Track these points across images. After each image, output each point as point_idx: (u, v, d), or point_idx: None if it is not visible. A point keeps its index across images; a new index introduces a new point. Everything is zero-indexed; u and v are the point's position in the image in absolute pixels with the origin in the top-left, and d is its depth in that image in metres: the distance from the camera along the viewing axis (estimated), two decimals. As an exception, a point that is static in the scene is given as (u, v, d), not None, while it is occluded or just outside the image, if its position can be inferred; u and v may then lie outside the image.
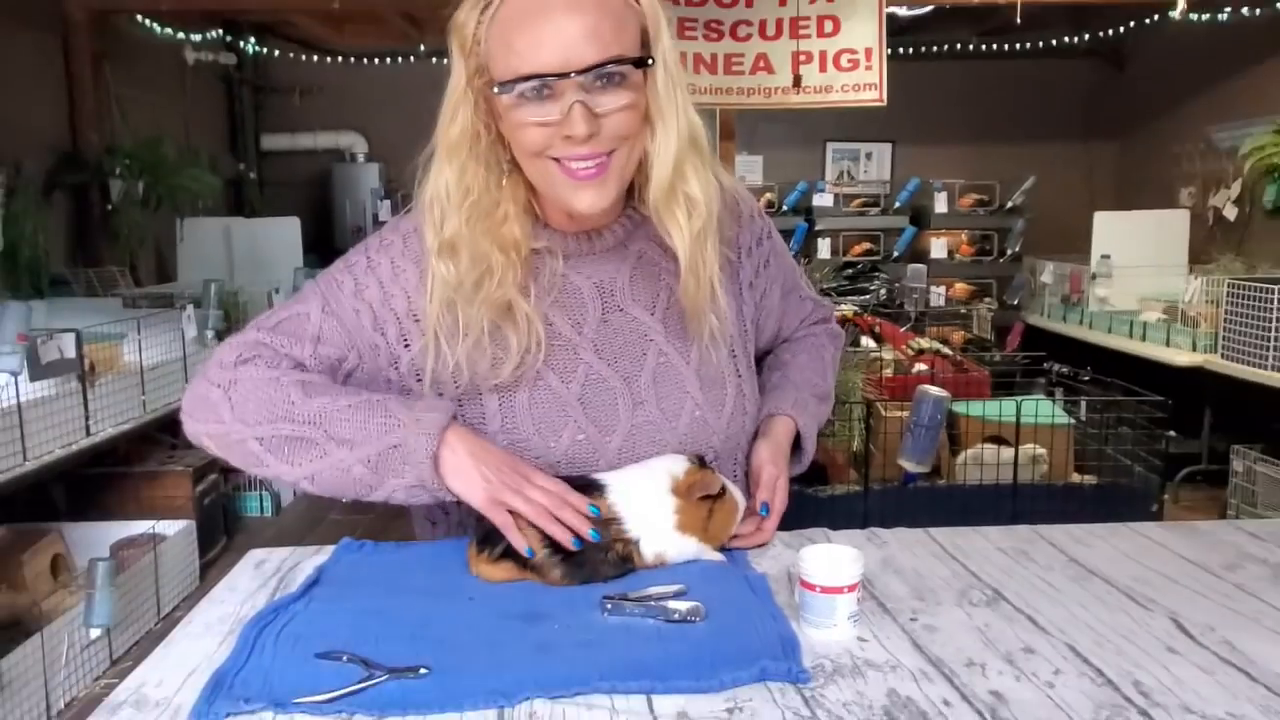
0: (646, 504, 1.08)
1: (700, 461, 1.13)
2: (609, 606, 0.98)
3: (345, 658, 0.88)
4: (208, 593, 1.10)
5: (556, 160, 1.06)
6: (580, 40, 1.01)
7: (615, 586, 1.04)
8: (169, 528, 3.79)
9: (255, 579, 1.13)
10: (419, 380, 1.16)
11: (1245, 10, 5.58)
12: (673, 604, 0.98)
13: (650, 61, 1.05)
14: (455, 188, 1.08)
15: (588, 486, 1.09)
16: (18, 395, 3.03)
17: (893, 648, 0.93)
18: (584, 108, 1.01)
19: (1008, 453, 2.81)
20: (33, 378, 3.11)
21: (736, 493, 1.16)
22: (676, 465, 1.11)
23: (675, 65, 1.09)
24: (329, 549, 1.19)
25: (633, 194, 1.17)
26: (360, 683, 0.84)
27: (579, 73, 1.01)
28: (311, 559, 1.17)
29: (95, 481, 4.03)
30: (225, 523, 4.46)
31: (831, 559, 0.97)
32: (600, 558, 1.06)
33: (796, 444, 1.31)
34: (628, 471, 1.12)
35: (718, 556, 1.12)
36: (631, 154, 1.08)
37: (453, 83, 1.10)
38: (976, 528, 1.26)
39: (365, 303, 1.15)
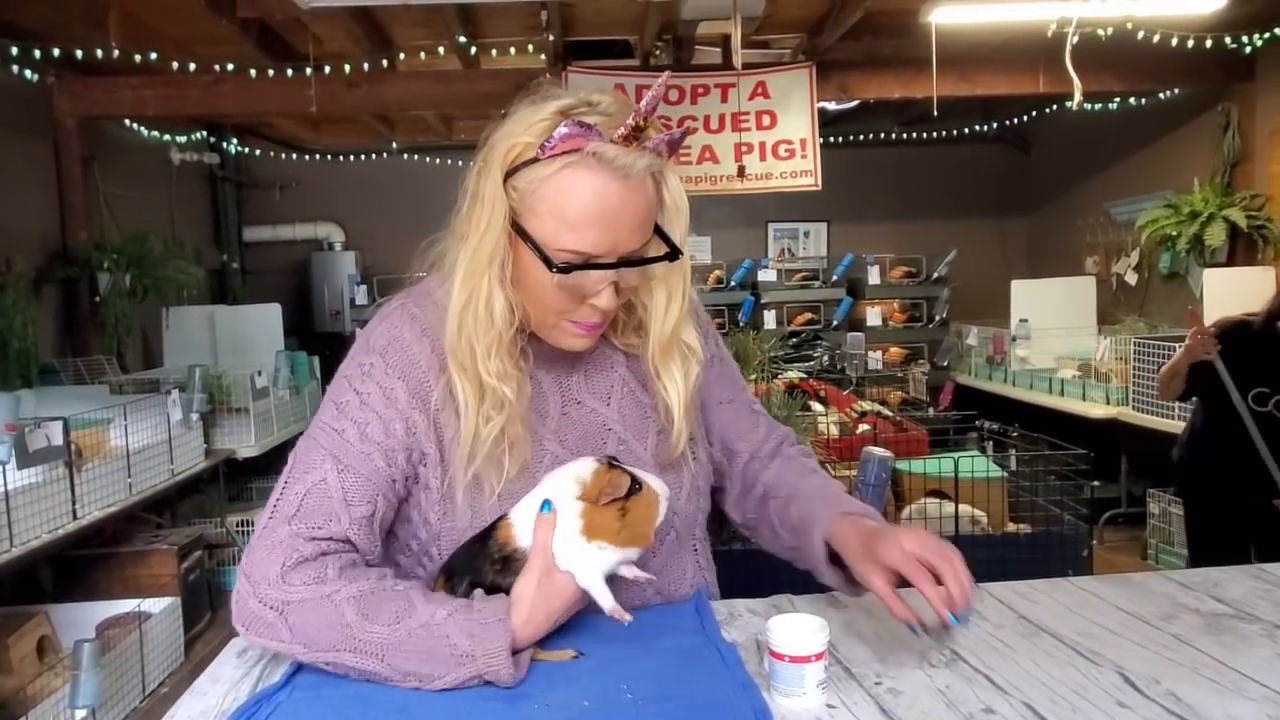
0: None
1: (611, 462, 1.02)
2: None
3: None
4: (190, 684, 1.04)
5: (560, 317, 1.06)
6: (632, 229, 1.01)
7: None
8: (154, 605, 3.64)
9: (238, 668, 1.07)
10: (427, 479, 1.09)
11: (1133, 100, 5.82)
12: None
13: (681, 255, 1.06)
14: (503, 318, 1.04)
15: (495, 523, 1.04)
16: (5, 483, 2.92)
17: (861, 713, 0.90)
18: (615, 288, 1.03)
19: (949, 506, 2.80)
20: (20, 466, 3.01)
21: (654, 483, 1.03)
22: (584, 469, 1.01)
23: (687, 229, 1.08)
24: None
25: None
26: None
27: (624, 261, 1.01)
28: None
29: (81, 562, 3.87)
30: (210, 597, 4.30)
31: (798, 628, 0.94)
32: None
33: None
34: (540, 486, 1.03)
35: (634, 571, 1.03)
36: (616, 314, 1.11)
37: (487, 216, 1.03)
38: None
39: (372, 443, 1.05)
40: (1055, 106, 6.33)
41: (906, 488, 2.99)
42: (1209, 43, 4.61)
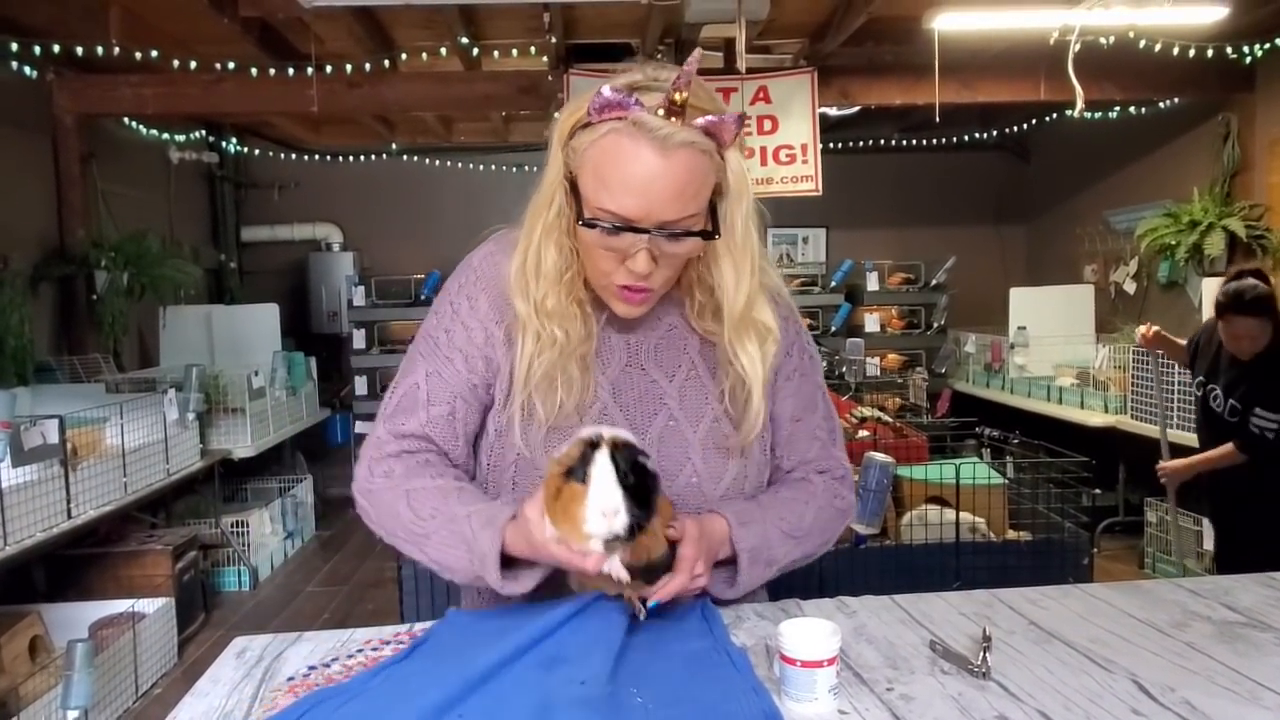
0: None
1: (628, 450, 0.97)
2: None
3: None
4: (201, 671, 1.03)
5: (610, 279, 1.11)
6: (666, 199, 1.03)
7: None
8: (148, 606, 3.61)
9: (238, 668, 1.06)
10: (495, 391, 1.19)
11: (1133, 109, 5.83)
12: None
13: (717, 236, 1.09)
14: (554, 265, 1.12)
15: None
16: (0, 481, 2.90)
17: (873, 719, 0.89)
18: (649, 254, 1.06)
19: (950, 513, 2.79)
20: (15, 464, 2.99)
21: (607, 494, 0.95)
22: (602, 433, 0.99)
23: (751, 212, 1.12)
24: (311, 635, 1.13)
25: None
26: None
27: (657, 228, 1.05)
28: (293, 646, 1.11)
29: (75, 562, 3.85)
30: (204, 599, 4.27)
31: (810, 632, 0.93)
32: None
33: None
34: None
35: (628, 589, 1.04)
36: (668, 286, 1.15)
37: (550, 172, 1.12)
38: (938, 593, 1.23)
39: (457, 349, 1.18)
40: (1055, 115, 6.34)
41: (906, 494, 2.98)
42: (1210, 52, 4.62)
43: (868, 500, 2.64)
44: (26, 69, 4.49)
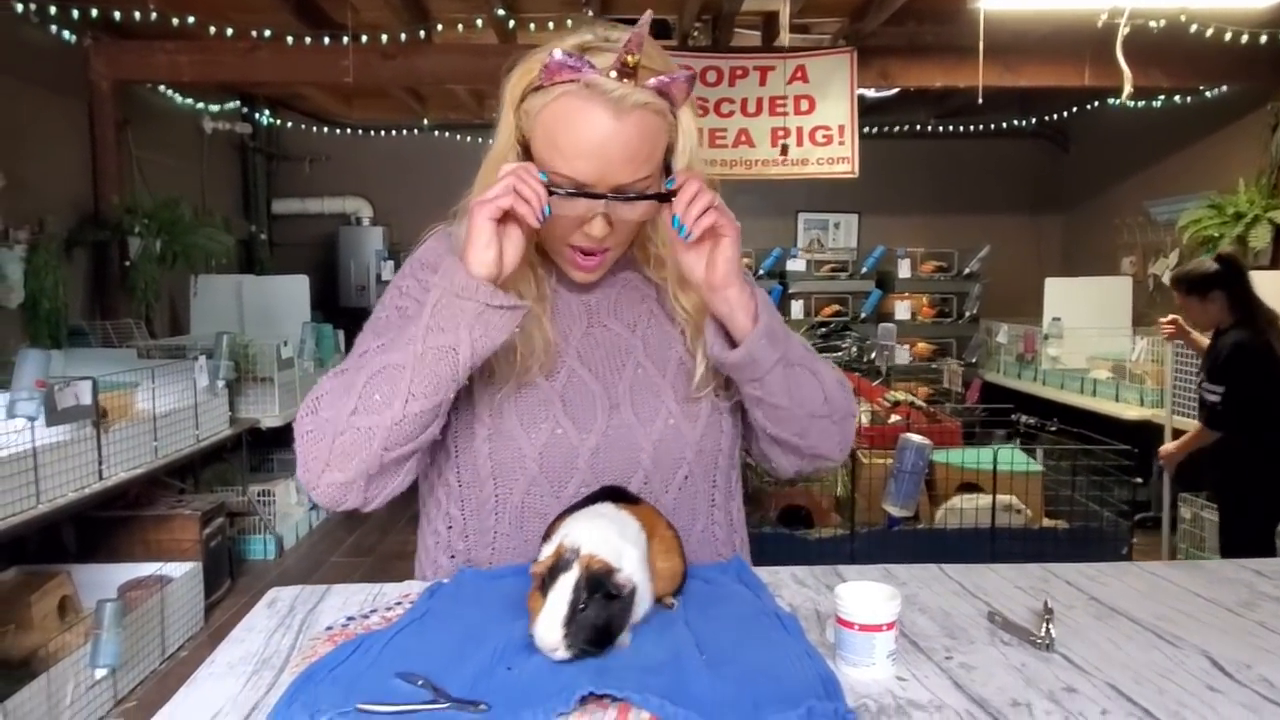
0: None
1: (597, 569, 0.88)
2: None
3: (420, 681, 0.82)
4: (227, 633, 1.01)
5: (564, 243, 1.09)
6: (620, 162, 1.02)
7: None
8: (176, 570, 3.63)
9: (271, 617, 1.04)
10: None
11: (1177, 98, 5.70)
12: None
13: (673, 198, 1.04)
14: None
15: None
16: (34, 440, 2.91)
17: (934, 686, 0.85)
18: (605, 219, 1.05)
19: (986, 498, 2.74)
20: (49, 423, 3.00)
21: (545, 613, 0.86)
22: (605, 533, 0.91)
23: (698, 164, 1.09)
24: (341, 588, 1.11)
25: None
26: (417, 704, 0.79)
27: (612, 191, 1.03)
28: (325, 600, 1.09)
29: (105, 524, 3.88)
30: (230, 565, 4.29)
31: (869, 595, 0.89)
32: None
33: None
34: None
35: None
36: (623, 249, 1.14)
37: (502, 137, 1.09)
38: (989, 565, 1.19)
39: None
40: (1096, 103, 6.21)
41: (940, 479, 2.93)
42: (1263, 39, 4.49)
43: (902, 482, 2.60)
44: (65, 33, 4.50)
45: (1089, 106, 6.40)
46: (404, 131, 7.19)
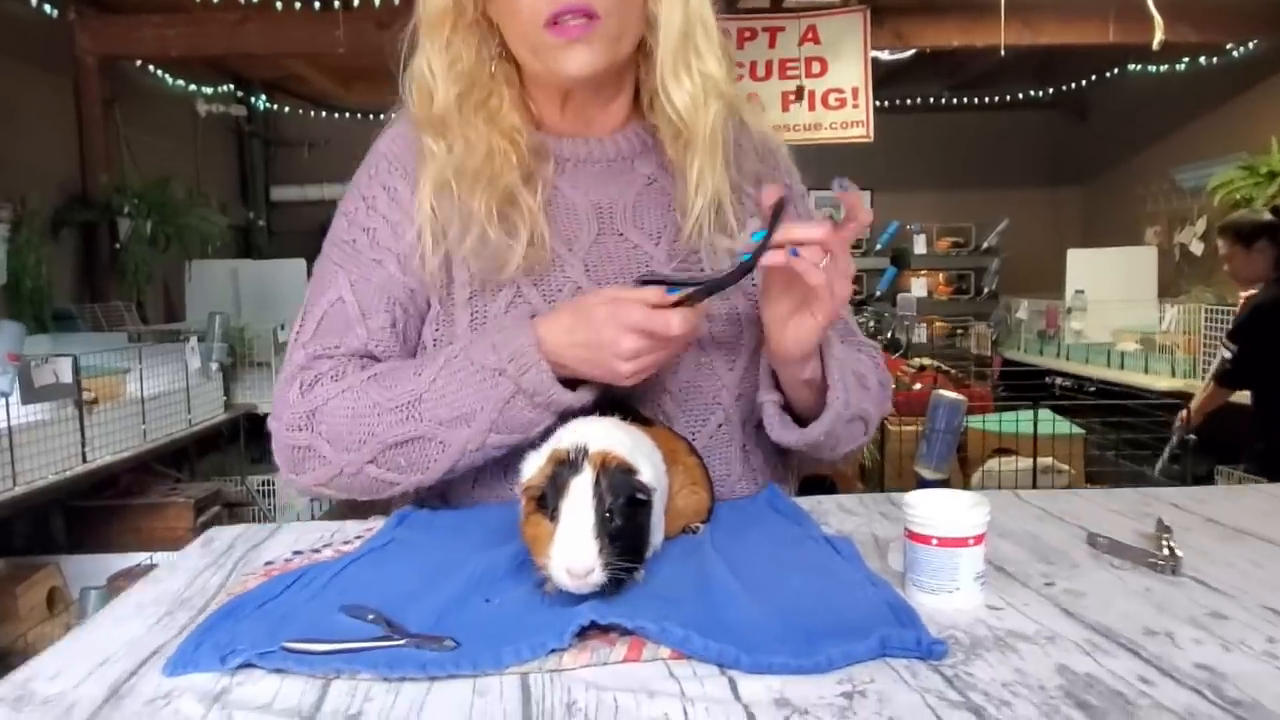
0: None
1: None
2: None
3: (371, 616, 0.64)
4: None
5: (546, 26, 0.87)
6: None
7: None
8: (166, 559, 3.46)
9: (204, 557, 0.85)
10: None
11: (1202, 59, 5.47)
12: None
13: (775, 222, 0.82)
14: (439, 61, 0.92)
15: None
16: (8, 418, 2.75)
17: (1038, 615, 0.66)
18: None
19: (1025, 461, 2.54)
20: (25, 400, 2.83)
21: (564, 529, 0.66)
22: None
23: None
24: (296, 525, 0.96)
25: (643, 112, 0.98)
26: (363, 641, 0.61)
27: None
28: (274, 536, 0.91)
29: (96, 514, 3.73)
30: (226, 554, 4.12)
31: (948, 503, 0.69)
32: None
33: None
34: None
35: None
36: (623, 30, 0.90)
37: None
38: (1074, 489, 0.99)
39: (383, 249, 0.95)
40: (1115, 70, 5.99)
41: (975, 444, 2.73)
42: (1297, -15, 4.28)
43: (935, 442, 2.40)
44: (47, 7, 4.34)
45: (1108, 74, 6.18)
46: (404, 115, 7.02)
